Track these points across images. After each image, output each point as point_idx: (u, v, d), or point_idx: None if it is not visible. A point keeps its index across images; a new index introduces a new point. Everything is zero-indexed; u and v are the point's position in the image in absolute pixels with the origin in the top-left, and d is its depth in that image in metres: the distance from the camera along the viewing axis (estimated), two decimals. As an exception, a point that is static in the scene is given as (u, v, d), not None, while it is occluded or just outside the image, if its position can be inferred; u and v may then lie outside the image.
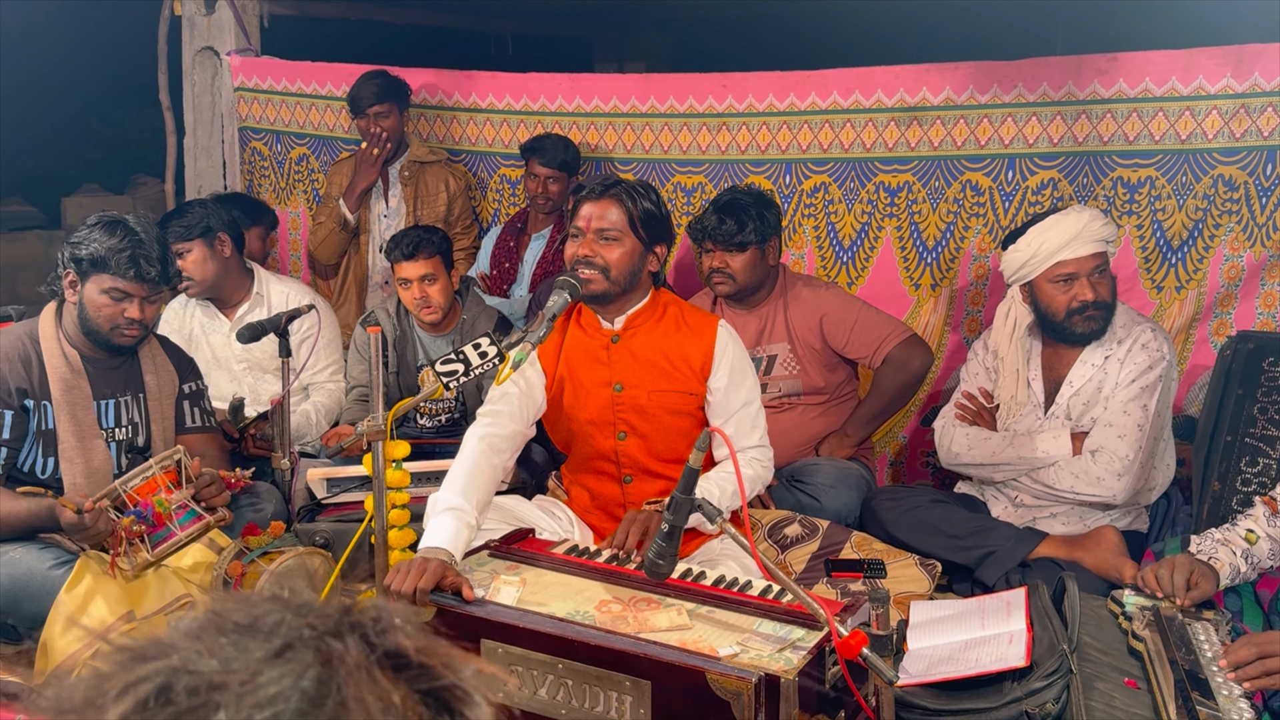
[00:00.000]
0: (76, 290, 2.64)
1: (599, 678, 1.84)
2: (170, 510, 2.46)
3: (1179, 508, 3.03)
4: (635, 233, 2.47)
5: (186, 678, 0.60)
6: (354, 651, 0.63)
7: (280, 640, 0.63)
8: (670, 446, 2.56)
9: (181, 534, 2.48)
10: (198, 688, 0.60)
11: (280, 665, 0.61)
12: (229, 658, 0.62)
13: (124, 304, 2.61)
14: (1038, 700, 1.99)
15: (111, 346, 2.67)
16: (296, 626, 0.64)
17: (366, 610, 0.68)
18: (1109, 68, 3.35)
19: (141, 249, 2.60)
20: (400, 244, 3.40)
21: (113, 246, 2.58)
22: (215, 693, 0.60)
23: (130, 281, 2.59)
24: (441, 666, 0.66)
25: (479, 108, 4.34)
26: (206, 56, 4.95)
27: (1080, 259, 2.82)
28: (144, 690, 0.60)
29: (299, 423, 3.49)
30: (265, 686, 0.60)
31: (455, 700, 0.65)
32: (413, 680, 0.64)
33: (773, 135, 3.80)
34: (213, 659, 0.61)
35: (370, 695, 0.61)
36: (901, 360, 3.26)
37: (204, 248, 3.48)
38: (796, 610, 1.97)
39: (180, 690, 0.60)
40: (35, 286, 6.88)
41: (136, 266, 2.58)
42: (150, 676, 0.61)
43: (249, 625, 0.64)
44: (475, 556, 2.28)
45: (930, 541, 2.89)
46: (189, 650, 0.62)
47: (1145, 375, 2.83)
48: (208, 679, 0.60)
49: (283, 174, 4.81)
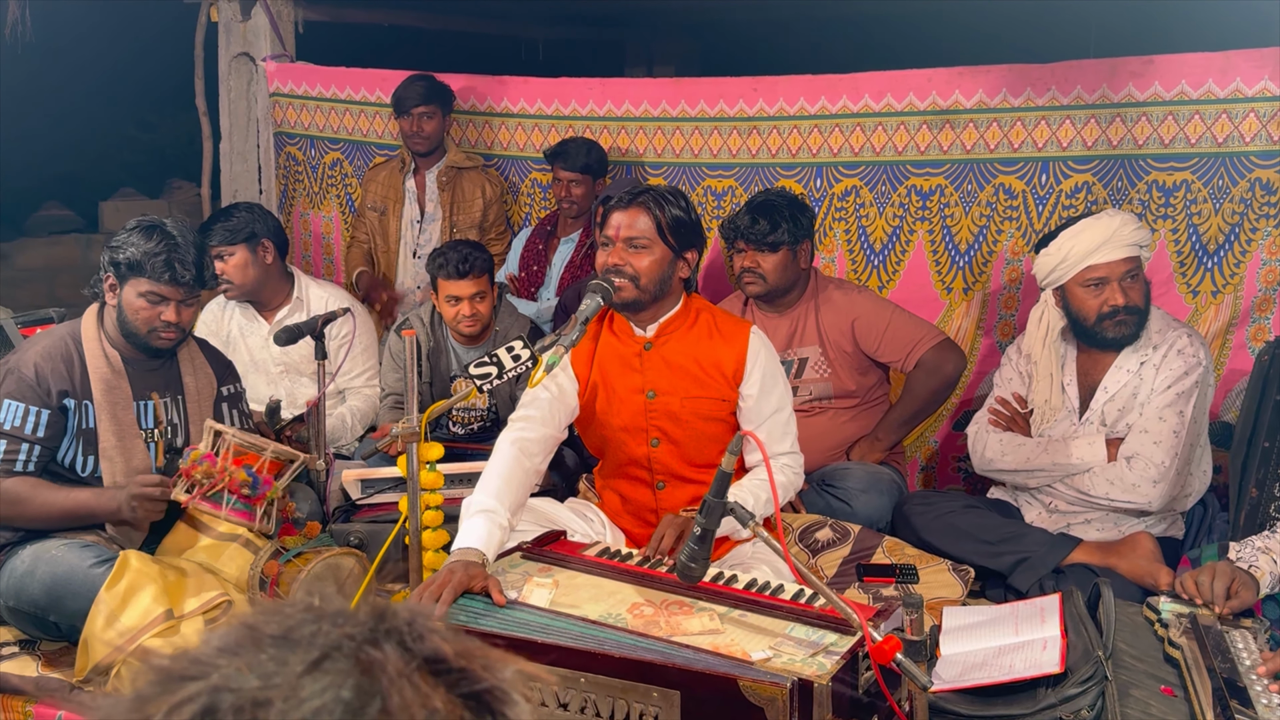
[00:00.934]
0: (116, 293, 2.68)
1: (625, 690, 1.82)
2: (240, 490, 2.51)
3: (1215, 514, 2.99)
4: (664, 240, 2.47)
5: (230, 696, 0.61)
6: (393, 659, 0.63)
7: (317, 651, 0.63)
8: (703, 452, 2.57)
9: (223, 513, 2.52)
10: (242, 706, 0.60)
11: (320, 676, 0.61)
12: (269, 672, 0.62)
13: (160, 307, 2.64)
14: (1072, 707, 1.98)
15: (150, 349, 2.71)
16: (332, 635, 0.64)
17: (401, 615, 0.68)
18: (1144, 70, 3.32)
19: (177, 253, 2.63)
20: (450, 262, 3.39)
21: (149, 251, 2.62)
22: (260, 710, 0.60)
23: (165, 285, 2.62)
24: (481, 669, 0.66)
25: (510, 112, 4.36)
26: (242, 62, 5.01)
27: (1111, 263, 2.80)
28: (188, 712, 0.60)
29: (334, 426, 3.52)
30: (308, 700, 0.60)
31: (496, 701, 0.65)
32: (453, 684, 0.64)
33: (803, 138, 3.80)
34: (253, 675, 0.61)
35: (414, 701, 0.61)
36: (934, 364, 3.25)
37: (247, 252, 3.52)
38: (829, 615, 1.97)
39: (226, 710, 0.60)
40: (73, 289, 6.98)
41: (171, 270, 2.61)
42: (194, 698, 0.61)
43: (284, 637, 0.64)
44: (508, 558, 2.29)
45: (963, 547, 2.87)
46: (228, 667, 0.62)
47: (1181, 381, 2.80)
48: (251, 696, 0.60)
49: (317, 179, 4.86)
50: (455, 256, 3.40)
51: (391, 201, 4.33)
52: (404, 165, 4.33)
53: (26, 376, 2.59)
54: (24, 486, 2.55)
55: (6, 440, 2.57)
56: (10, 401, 2.58)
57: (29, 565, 2.53)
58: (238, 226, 3.51)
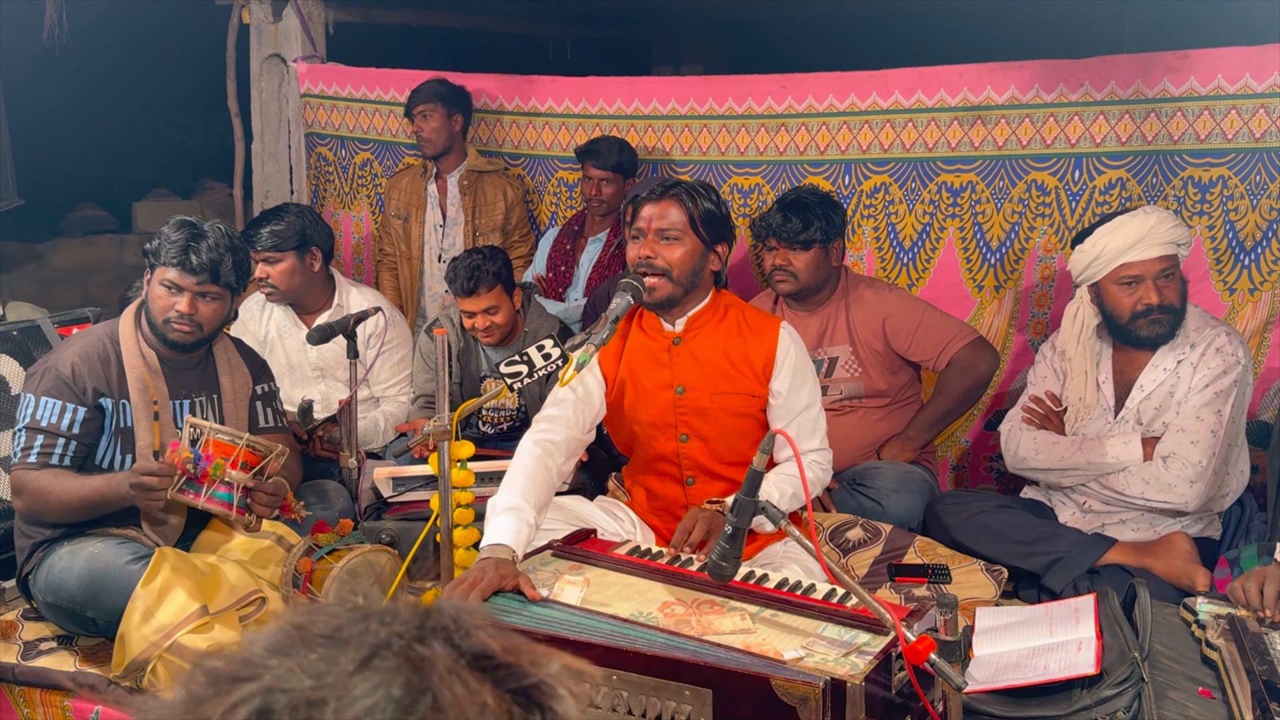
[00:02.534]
0: (147, 284, 2.72)
1: (656, 688, 1.82)
2: (216, 479, 2.49)
3: (1253, 515, 2.95)
4: (696, 232, 2.48)
5: (284, 696, 0.61)
6: (442, 656, 0.64)
7: (366, 649, 0.63)
8: (732, 448, 2.56)
9: (201, 502, 2.50)
10: (297, 706, 0.60)
11: (370, 675, 0.62)
12: (320, 672, 0.62)
13: (175, 297, 2.66)
14: (1108, 708, 1.96)
15: (168, 342, 2.72)
16: (380, 634, 0.65)
17: (447, 612, 0.68)
18: (1180, 65, 3.28)
19: (194, 242, 2.64)
20: (457, 279, 3.37)
21: (168, 238, 2.65)
22: (315, 709, 0.60)
23: (177, 271, 2.64)
24: (529, 664, 0.66)
25: (538, 112, 4.37)
26: (274, 63, 5.05)
27: (1146, 261, 2.77)
28: (243, 713, 0.61)
29: (366, 428, 3.53)
30: (360, 699, 0.60)
31: (544, 696, 0.65)
32: (501, 680, 0.65)
33: (832, 135, 3.78)
34: (304, 675, 0.62)
35: (464, 697, 0.62)
36: (967, 363, 3.23)
37: (295, 259, 3.51)
38: (861, 614, 1.96)
39: (281, 710, 0.60)
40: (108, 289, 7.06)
41: (183, 256, 2.63)
42: (248, 699, 0.61)
43: (332, 636, 0.65)
44: (538, 556, 2.30)
45: (996, 547, 2.85)
46: (280, 668, 0.63)
47: (1219, 380, 2.77)
48: (305, 696, 0.61)
49: (347, 179, 4.89)
50: (463, 273, 3.36)
51: (414, 207, 4.35)
52: (426, 171, 4.35)
53: (64, 375, 2.63)
54: (49, 477, 2.59)
55: (44, 435, 2.61)
56: (47, 399, 2.62)
57: (67, 562, 2.56)
58: (288, 232, 3.48)
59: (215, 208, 7.62)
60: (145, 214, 7.72)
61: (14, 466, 2.63)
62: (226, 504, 2.51)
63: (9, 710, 2.55)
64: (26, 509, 2.64)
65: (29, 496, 2.61)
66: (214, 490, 2.49)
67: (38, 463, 2.60)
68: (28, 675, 2.52)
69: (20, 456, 2.61)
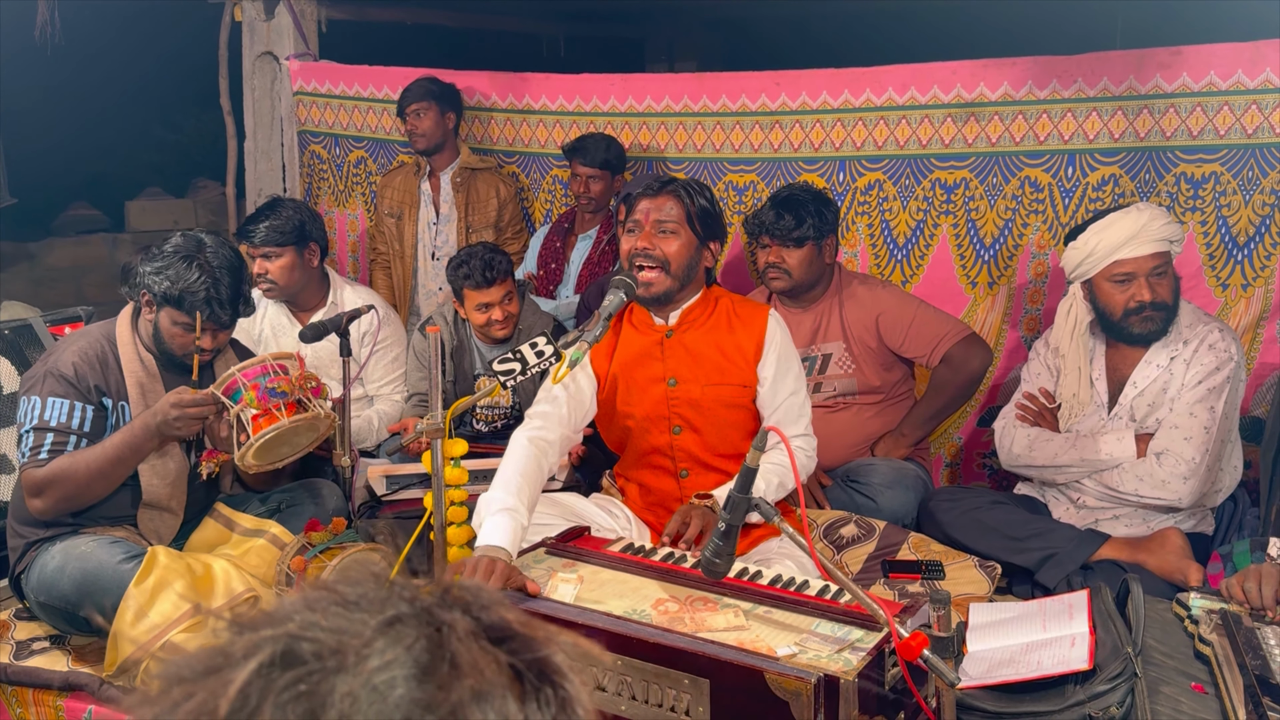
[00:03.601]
0: (153, 310, 2.68)
1: (659, 675, 1.85)
2: (250, 391, 2.52)
3: (1245, 510, 2.96)
4: (692, 227, 2.51)
5: (307, 643, 0.63)
6: (461, 621, 0.66)
7: (391, 613, 0.65)
8: (725, 440, 2.57)
9: (240, 406, 2.52)
10: (319, 651, 0.62)
11: (391, 635, 0.63)
12: (343, 628, 0.64)
13: (193, 333, 2.65)
14: (1101, 704, 1.96)
15: (186, 367, 2.72)
16: (403, 601, 0.67)
17: (466, 588, 0.70)
18: (1172, 61, 3.28)
19: (216, 291, 2.61)
20: (475, 271, 3.36)
21: (187, 288, 2.59)
22: (335, 657, 0.62)
23: (203, 322, 2.63)
24: (543, 639, 0.68)
25: (532, 109, 4.37)
26: (266, 61, 5.04)
27: (1138, 259, 2.77)
28: (266, 654, 0.62)
29: (360, 427, 3.53)
30: (381, 652, 0.62)
31: (555, 673, 0.67)
32: (515, 651, 0.66)
33: (826, 133, 3.78)
34: (328, 627, 0.64)
35: (483, 662, 0.63)
36: (960, 360, 3.23)
37: (294, 255, 3.49)
38: (855, 611, 1.96)
39: (304, 653, 0.62)
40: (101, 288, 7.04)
41: (210, 310, 2.61)
42: (271, 641, 0.63)
43: (357, 600, 0.67)
44: (532, 554, 2.30)
45: (990, 543, 2.85)
46: (305, 618, 0.65)
47: (1213, 376, 2.77)
48: (327, 644, 0.62)
49: (341, 177, 4.89)
50: (479, 265, 3.36)
51: (407, 206, 4.34)
52: (419, 169, 4.34)
53: (67, 375, 2.62)
54: (65, 460, 2.56)
55: (54, 434, 2.59)
56: (54, 399, 2.60)
57: (59, 561, 2.55)
58: (287, 227, 3.45)
59: (208, 206, 7.61)
60: (138, 213, 7.70)
61: (24, 467, 2.59)
62: (265, 395, 2.52)
63: (2, 710, 2.55)
64: (57, 499, 2.57)
65: (55, 486, 2.55)
66: (250, 397, 2.52)
67: (49, 459, 2.57)
68: (20, 675, 2.51)
69: (30, 456, 2.57)
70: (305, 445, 2.66)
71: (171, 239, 2.68)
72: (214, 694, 0.61)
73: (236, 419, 2.53)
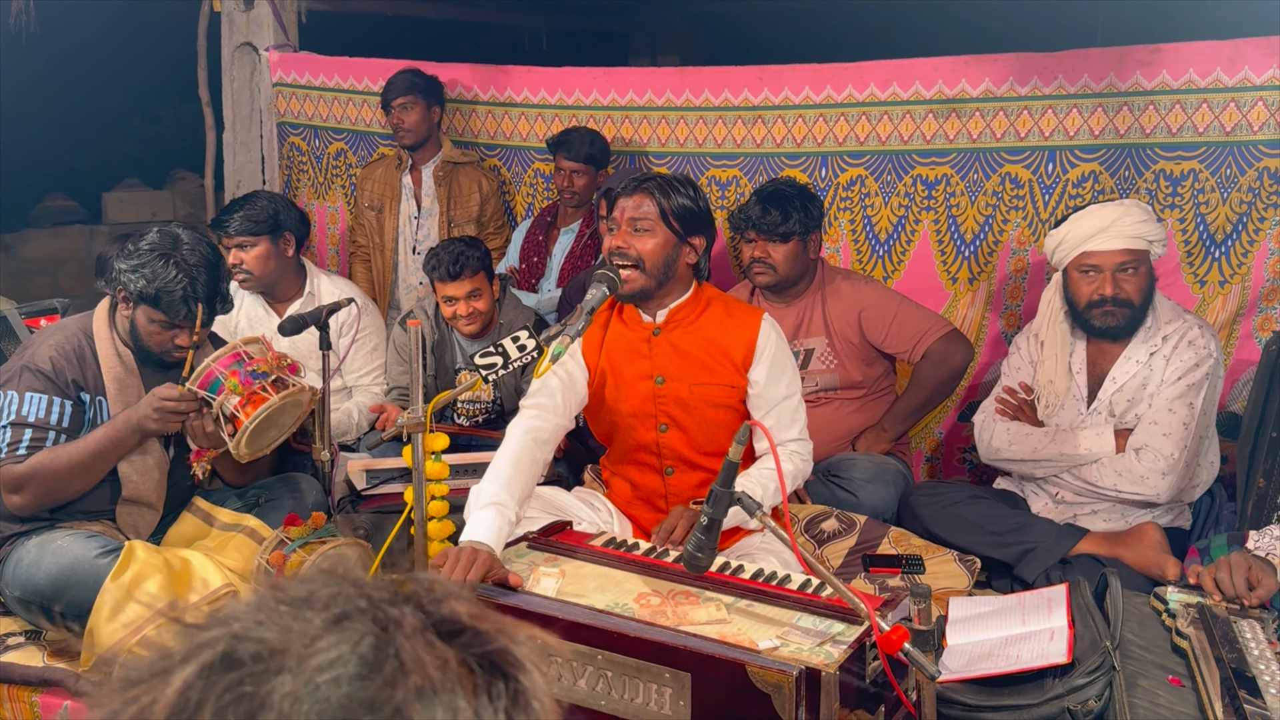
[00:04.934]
0: (129, 307, 2.65)
1: (639, 669, 1.84)
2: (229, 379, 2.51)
3: (1222, 505, 2.99)
4: (668, 224, 2.48)
5: (249, 644, 0.62)
6: (409, 617, 0.65)
7: (337, 610, 0.64)
8: (711, 439, 2.56)
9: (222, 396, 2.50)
10: (260, 653, 0.61)
11: (338, 632, 0.63)
12: (288, 626, 0.63)
13: (173, 332, 2.63)
14: (1080, 697, 1.97)
15: (163, 364, 2.69)
16: (352, 598, 0.66)
17: (420, 582, 0.69)
18: (1152, 59, 3.30)
19: (193, 290, 2.58)
20: (442, 264, 3.36)
21: (164, 287, 2.56)
22: (277, 657, 0.61)
23: (181, 321, 2.60)
24: (495, 631, 0.67)
25: (514, 102, 4.35)
26: (245, 52, 4.99)
27: (1106, 253, 2.79)
28: (207, 656, 0.62)
29: (340, 420, 3.51)
30: (325, 651, 0.61)
31: (509, 665, 0.66)
32: (466, 645, 0.65)
33: (808, 128, 3.78)
34: (273, 626, 0.63)
35: (427, 657, 0.62)
36: (941, 355, 3.24)
37: (269, 244, 3.48)
38: (836, 604, 1.96)
39: (243, 655, 0.61)
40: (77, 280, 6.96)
41: (188, 308, 2.58)
42: (212, 643, 0.63)
43: (305, 598, 0.66)
44: (514, 548, 2.29)
45: (969, 537, 2.87)
46: (249, 620, 0.64)
47: (1192, 373, 2.79)
48: (269, 645, 0.62)
49: (321, 169, 4.85)
50: (447, 258, 3.36)
51: (388, 199, 4.32)
52: (400, 162, 4.31)
53: (45, 369, 2.58)
54: (45, 455, 2.54)
55: (32, 429, 2.55)
56: (32, 394, 2.57)
57: (35, 555, 2.52)
58: (261, 217, 3.44)
59: (186, 198, 7.55)
60: (115, 204, 7.63)
61: (2, 463, 2.55)
62: (249, 379, 2.51)
63: (-24, 706, 2.52)
64: (36, 495, 2.54)
65: (34, 482, 2.52)
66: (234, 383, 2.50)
67: (28, 455, 2.54)
68: (-5, 670, 2.49)
69: (8, 452, 2.54)
70: (290, 426, 2.64)
71: (147, 235, 2.64)
72: (154, 697, 0.61)
73: (220, 411, 2.51)
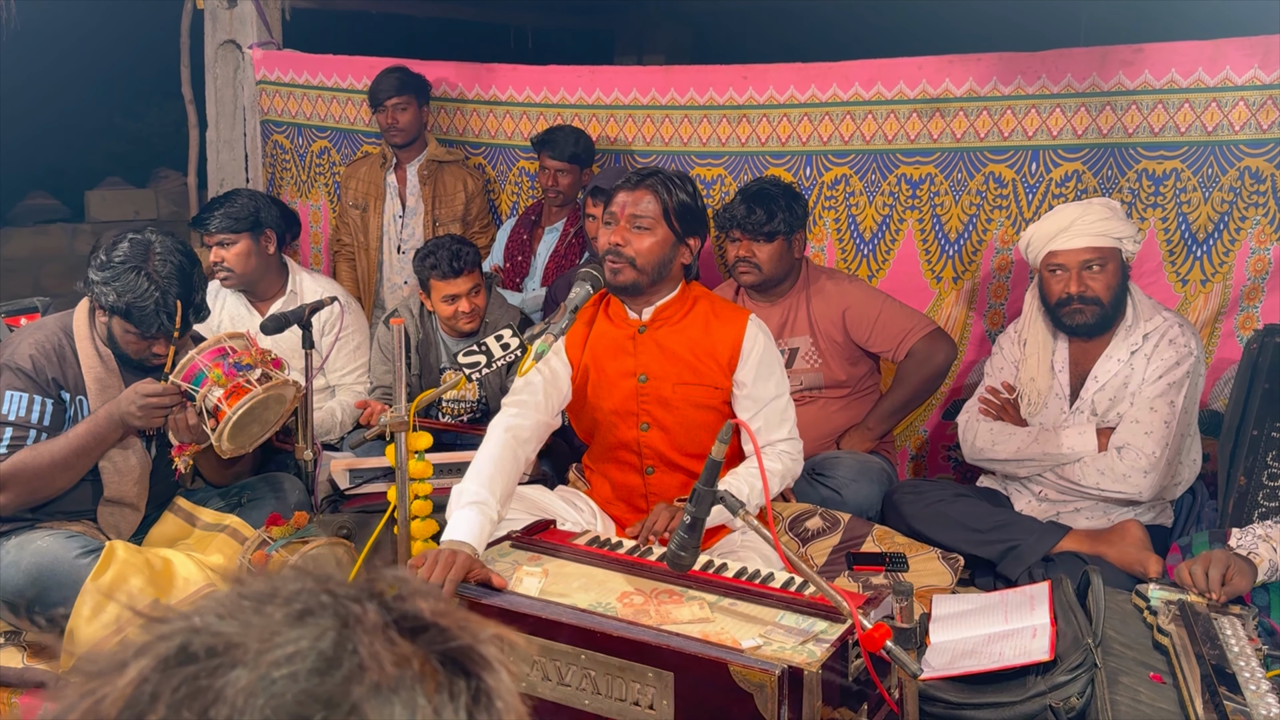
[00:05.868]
0: (106, 314, 2.63)
1: (622, 669, 1.84)
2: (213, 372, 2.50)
3: (1204, 503, 3.00)
4: (669, 224, 2.46)
5: (206, 637, 0.62)
6: (372, 614, 0.64)
7: (300, 606, 0.64)
8: (693, 439, 2.56)
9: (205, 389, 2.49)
10: (216, 647, 0.61)
11: (298, 628, 0.62)
12: (248, 621, 0.63)
13: (149, 342, 2.61)
14: (1062, 694, 1.98)
15: (143, 369, 2.67)
16: (316, 594, 0.65)
17: (388, 578, 0.69)
18: (1134, 59, 3.32)
19: (166, 304, 2.54)
20: (442, 261, 3.35)
21: (134, 301, 2.52)
22: (234, 651, 0.61)
23: (154, 335, 2.58)
24: (457, 628, 0.66)
25: (498, 100, 4.34)
26: (229, 50, 4.97)
27: (1071, 251, 2.82)
28: (163, 649, 0.62)
29: (323, 419, 3.49)
30: (282, 646, 0.61)
31: (472, 663, 0.65)
32: (429, 642, 0.65)
33: (793, 127, 3.79)
34: (233, 621, 0.63)
35: (386, 654, 0.62)
36: (925, 354, 3.25)
37: (250, 242, 3.46)
38: (819, 603, 1.96)
39: (199, 649, 0.61)
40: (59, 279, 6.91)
41: (160, 323, 2.55)
42: (170, 636, 0.63)
43: (270, 594, 0.66)
44: (497, 547, 2.28)
45: (953, 535, 2.88)
46: (209, 614, 0.64)
47: (1173, 371, 2.81)
48: (227, 639, 0.62)
49: (304, 167, 4.83)
50: (446, 255, 3.35)
51: (372, 198, 4.30)
52: (384, 161, 4.30)
53: (25, 368, 2.56)
54: (26, 453, 2.51)
55: (13, 428, 2.53)
56: (12, 392, 2.54)
57: (14, 556, 2.50)
58: (241, 214, 3.43)
59: (170, 196, 7.50)
60: (98, 203, 7.57)
61: None
62: (233, 370, 2.49)
63: (-45, 708, 2.50)
64: (18, 494, 2.52)
65: (16, 480, 2.50)
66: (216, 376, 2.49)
67: (8, 454, 2.52)
68: (-26, 672, 2.47)
69: None
70: (274, 421, 2.62)
71: (120, 245, 2.58)
72: (108, 690, 0.61)
73: (203, 404, 2.49)
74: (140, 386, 2.50)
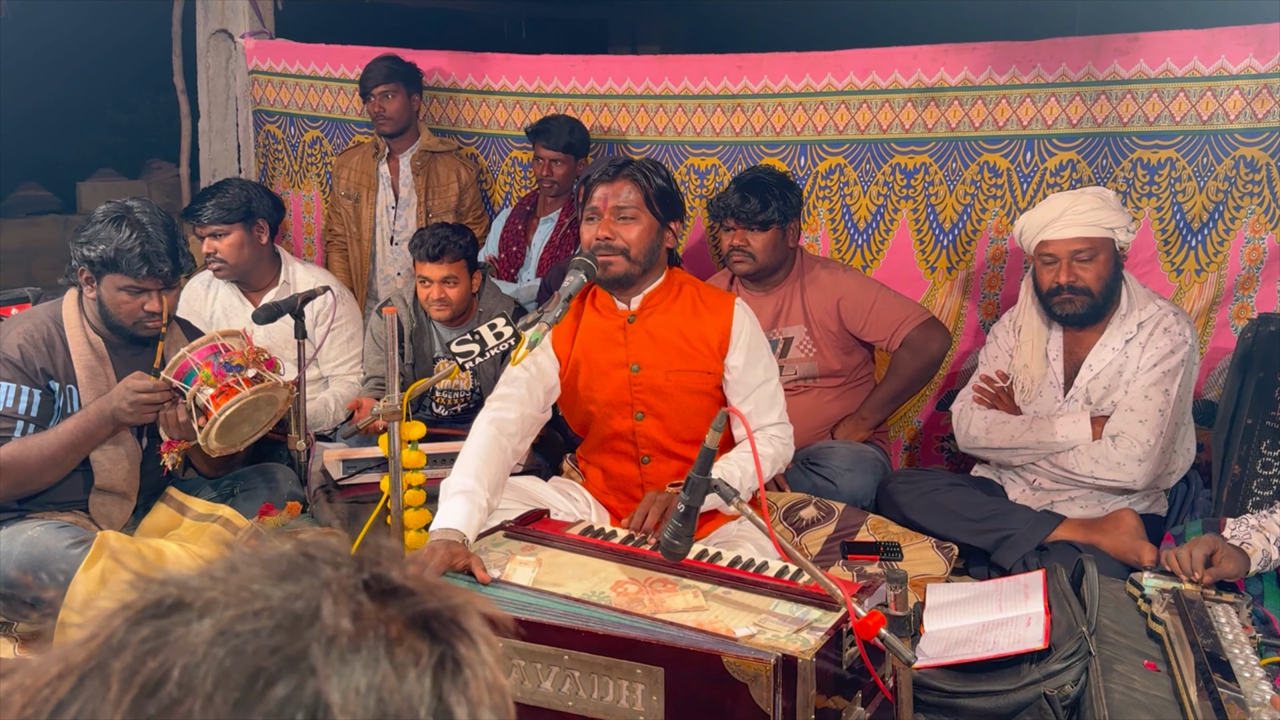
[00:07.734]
0: (94, 286, 2.62)
1: (608, 667, 1.81)
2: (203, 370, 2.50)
3: (1198, 491, 3.01)
4: (651, 210, 2.47)
5: (181, 591, 0.63)
6: (345, 576, 0.64)
7: (277, 568, 0.64)
8: (688, 426, 2.55)
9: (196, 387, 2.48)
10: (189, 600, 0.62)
11: (274, 587, 0.63)
12: (223, 579, 0.64)
13: (142, 298, 2.60)
14: (1056, 682, 1.98)
15: (137, 339, 2.66)
16: (294, 557, 0.65)
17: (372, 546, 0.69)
18: (1130, 48, 3.31)
19: (150, 244, 2.57)
20: (424, 243, 3.38)
21: (121, 246, 2.55)
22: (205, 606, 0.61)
23: (144, 279, 2.58)
24: (428, 593, 0.66)
25: (492, 90, 4.32)
26: (221, 39, 4.94)
27: (1061, 241, 2.82)
28: (137, 602, 0.63)
29: (316, 410, 3.48)
30: (250, 602, 0.61)
31: (444, 630, 0.64)
32: (400, 606, 0.64)
33: (788, 116, 3.77)
34: (207, 579, 0.64)
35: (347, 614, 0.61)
36: (919, 343, 3.25)
37: (243, 232, 3.45)
38: (813, 591, 1.96)
39: (169, 602, 0.62)
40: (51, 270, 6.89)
41: (149, 264, 2.56)
42: (144, 592, 0.64)
43: (248, 556, 0.66)
44: (490, 537, 2.28)
45: (947, 524, 2.88)
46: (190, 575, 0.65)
47: (1167, 360, 2.81)
48: (200, 594, 0.62)
49: (296, 157, 4.81)
50: (431, 239, 3.38)
51: (365, 188, 4.28)
52: (377, 151, 4.27)
53: (13, 358, 2.55)
54: (14, 446, 2.51)
55: (0, 419, 2.52)
56: (0, 383, 2.54)
57: (5, 546, 2.49)
58: (233, 204, 3.41)
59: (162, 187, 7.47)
60: (90, 194, 7.54)
61: None
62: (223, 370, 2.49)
63: (-54, 699, 2.48)
64: (7, 486, 2.52)
65: (4, 473, 2.49)
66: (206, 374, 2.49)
67: None
68: (-35, 663, 2.46)
69: None
70: (265, 422, 2.61)
71: (98, 210, 2.64)
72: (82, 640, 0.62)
73: (193, 402, 2.48)
74: (131, 383, 2.49)
